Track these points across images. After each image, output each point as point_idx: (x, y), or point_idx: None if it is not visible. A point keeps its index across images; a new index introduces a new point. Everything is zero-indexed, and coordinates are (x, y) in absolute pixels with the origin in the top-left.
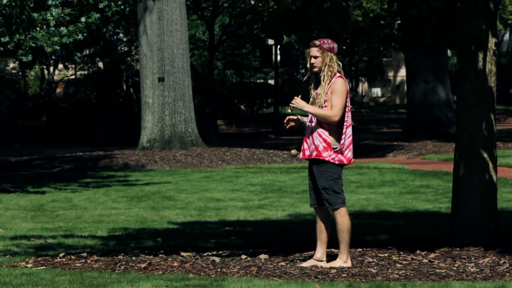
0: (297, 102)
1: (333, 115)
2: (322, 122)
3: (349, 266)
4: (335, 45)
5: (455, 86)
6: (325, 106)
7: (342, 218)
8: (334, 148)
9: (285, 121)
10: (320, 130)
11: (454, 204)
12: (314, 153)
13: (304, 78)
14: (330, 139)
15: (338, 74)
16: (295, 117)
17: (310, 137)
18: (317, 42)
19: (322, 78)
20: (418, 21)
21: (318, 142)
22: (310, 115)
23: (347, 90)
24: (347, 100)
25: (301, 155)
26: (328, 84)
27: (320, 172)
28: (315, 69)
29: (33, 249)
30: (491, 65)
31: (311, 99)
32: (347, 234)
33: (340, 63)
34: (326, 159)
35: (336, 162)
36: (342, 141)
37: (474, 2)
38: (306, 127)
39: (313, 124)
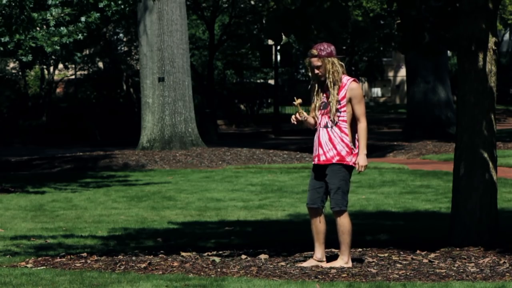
0: (362, 162)
1: (366, 125)
2: (343, 127)
3: (350, 267)
4: (332, 47)
5: (455, 86)
6: (344, 111)
7: (344, 219)
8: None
9: (297, 117)
10: (342, 135)
11: (454, 204)
12: (336, 158)
13: (309, 87)
14: (351, 143)
15: (349, 78)
16: (304, 116)
17: (329, 142)
18: (314, 52)
19: (329, 85)
20: (418, 21)
21: (341, 147)
22: (323, 120)
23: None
24: None
25: (316, 160)
26: (339, 90)
27: (334, 172)
28: (322, 78)
29: (33, 249)
30: (491, 65)
31: (318, 103)
32: (348, 236)
33: (342, 63)
34: (350, 163)
35: (351, 165)
36: (357, 144)
37: (474, 2)
38: (318, 132)
39: (329, 129)
